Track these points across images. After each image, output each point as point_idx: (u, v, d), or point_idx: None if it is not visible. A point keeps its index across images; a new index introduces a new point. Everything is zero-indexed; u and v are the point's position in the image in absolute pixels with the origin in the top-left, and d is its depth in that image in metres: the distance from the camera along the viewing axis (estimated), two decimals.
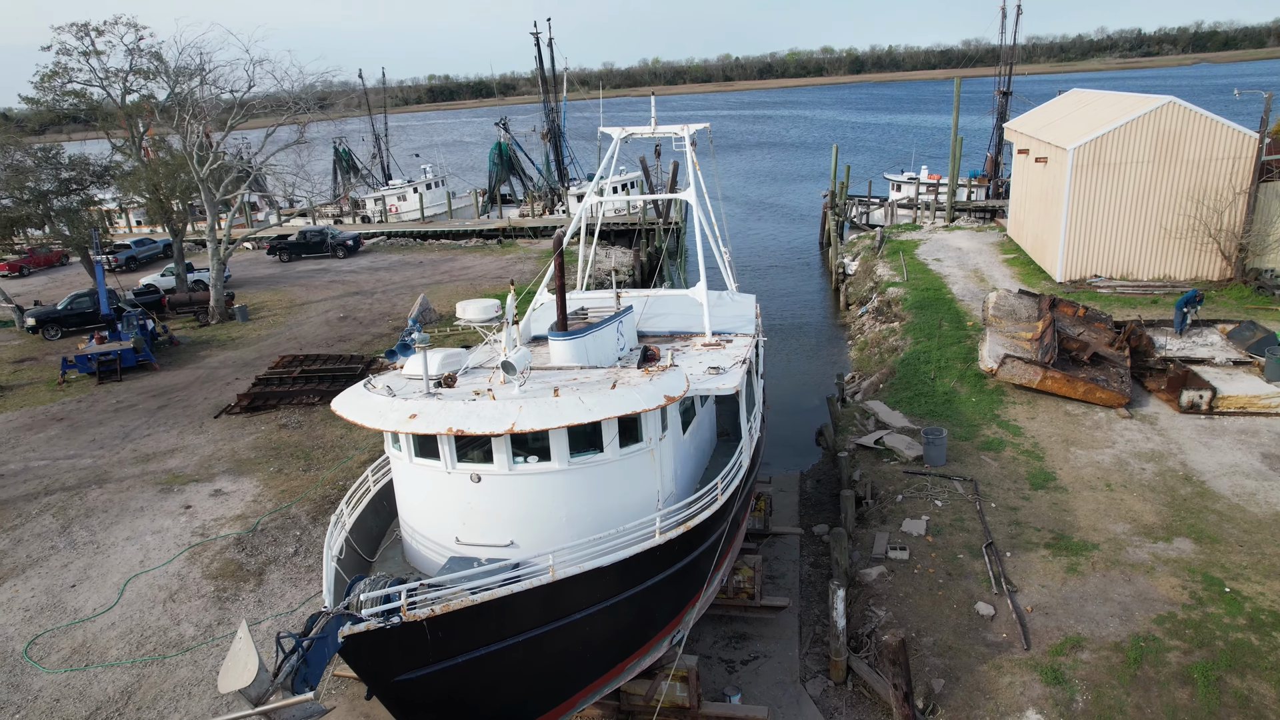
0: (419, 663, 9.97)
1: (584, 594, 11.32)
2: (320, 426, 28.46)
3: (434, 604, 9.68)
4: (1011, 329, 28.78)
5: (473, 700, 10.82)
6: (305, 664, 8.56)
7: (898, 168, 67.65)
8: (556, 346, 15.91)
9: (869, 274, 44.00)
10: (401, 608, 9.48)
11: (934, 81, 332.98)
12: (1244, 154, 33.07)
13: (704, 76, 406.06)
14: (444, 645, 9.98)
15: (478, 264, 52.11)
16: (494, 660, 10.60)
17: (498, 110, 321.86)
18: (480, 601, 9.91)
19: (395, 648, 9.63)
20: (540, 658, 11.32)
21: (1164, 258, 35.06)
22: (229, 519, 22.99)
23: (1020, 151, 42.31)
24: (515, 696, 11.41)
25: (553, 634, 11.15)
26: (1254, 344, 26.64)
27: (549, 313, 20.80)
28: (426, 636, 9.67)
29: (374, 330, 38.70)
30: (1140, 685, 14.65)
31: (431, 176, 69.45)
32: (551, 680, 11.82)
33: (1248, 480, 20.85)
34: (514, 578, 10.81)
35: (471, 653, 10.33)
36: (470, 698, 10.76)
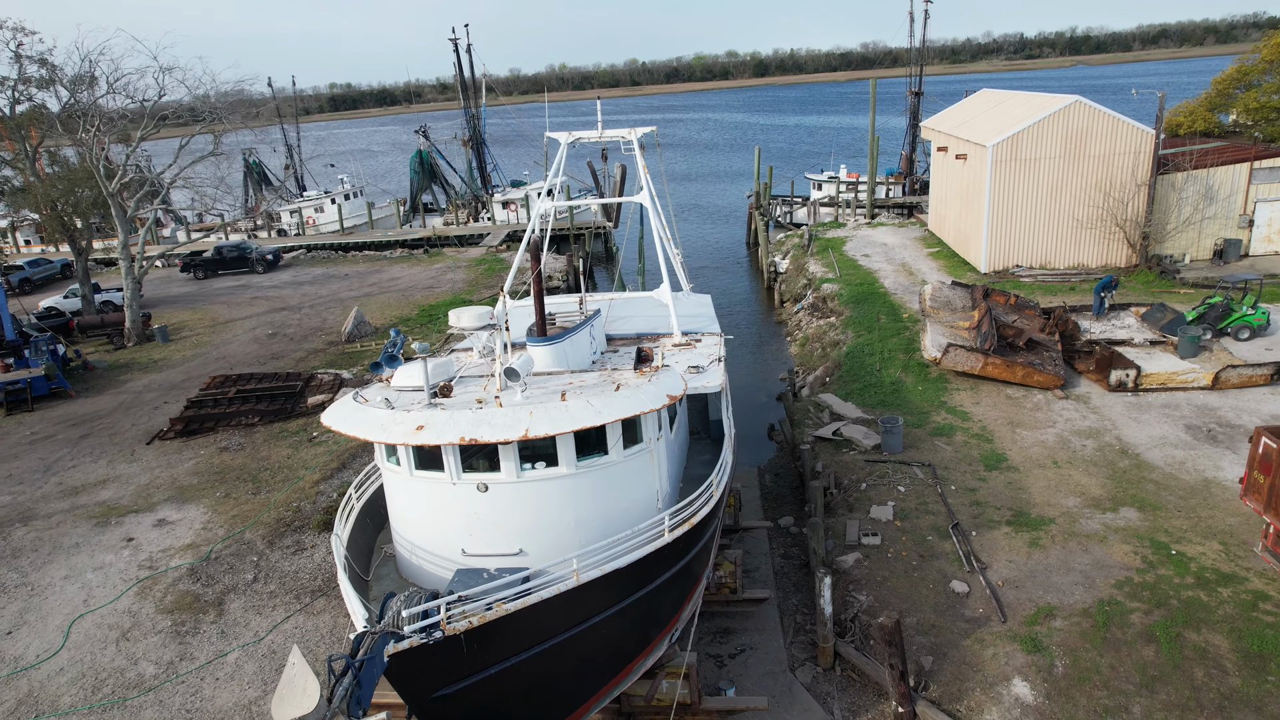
0: (456, 677, 9.76)
1: (603, 596, 11.29)
2: (264, 447, 27.35)
3: (471, 616, 9.50)
4: (949, 319, 30.05)
5: (503, 711, 10.65)
6: (358, 686, 8.28)
7: (818, 167, 69.54)
8: (537, 352, 15.79)
9: (801, 271, 45.11)
10: (441, 622, 9.26)
11: (835, 83, 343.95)
12: (1143, 149, 35.47)
13: (612, 81, 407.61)
14: (479, 657, 9.79)
15: (406, 275, 50.98)
16: (522, 669, 10.46)
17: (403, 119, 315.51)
18: (514, 610, 9.77)
19: (436, 663, 9.40)
20: (562, 663, 11.23)
21: (1077, 247, 37.24)
22: (178, 549, 21.85)
23: (939, 149, 44.19)
24: (540, 704, 11.28)
25: (574, 639, 11.07)
26: (1166, 324, 28.59)
27: (517, 319, 20.61)
28: (463, 650, 9.47)
29: (307, 346, 37.40)
30: (1111, 646, 15.55)
31: (349, 187, 67.51)
32: (571, 685, 11.73)
33: (1176, 450, 22.37)
34: (544, 583, 10.68)
35: (503, 663, 10.17)
36: (500, 709, 10.59)
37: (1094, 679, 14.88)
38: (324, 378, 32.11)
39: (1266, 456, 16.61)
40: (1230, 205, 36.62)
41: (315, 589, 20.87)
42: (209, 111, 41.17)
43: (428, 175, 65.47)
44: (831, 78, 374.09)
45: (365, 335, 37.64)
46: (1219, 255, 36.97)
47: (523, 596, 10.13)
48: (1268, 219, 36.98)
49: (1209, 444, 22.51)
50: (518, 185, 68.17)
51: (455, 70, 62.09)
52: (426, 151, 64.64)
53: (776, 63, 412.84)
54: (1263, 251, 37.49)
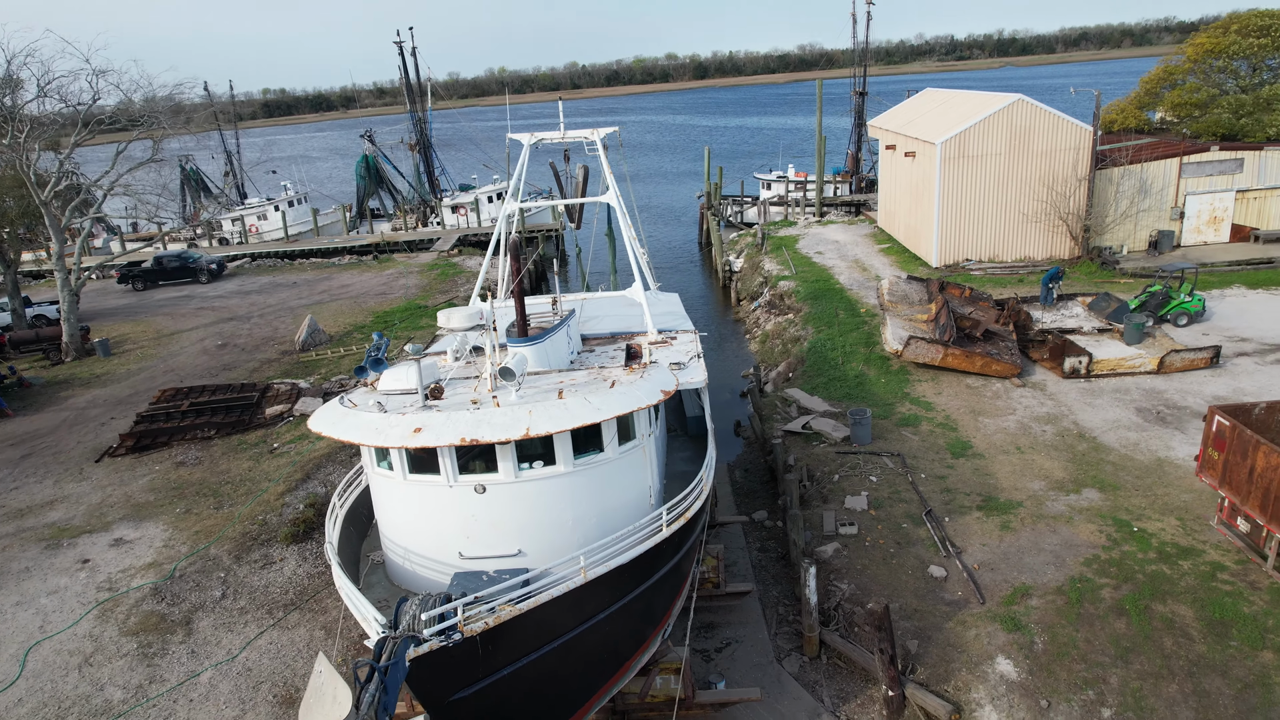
0: (473, 679, 9.61)
1: (606, 593, 11.27)
2: (223, 460, 26.53)
3: (487, 618, 9.37)
4: (908, 312, 30.75)
5: (513, 712, 10.53)
6: (384, 692, 8.09)
7: (766, 167, 70.43)
8: (519, 352, 15.66)
9: (756, 270, 45.62)
10: (459, 623, 9.11)
11: (774, 85, 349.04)
12: (1083, 145, 36.85)
13: (552, 85, 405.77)
14: (493, 659, 9.67)
15: (357, 281, 50.00)
16: (532, 669, 10.37)
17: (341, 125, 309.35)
18: (527, 609, 9.68)
19: (454, 666, 9.24)
20: (568, 662, 11.16)
21: (1023, 240, 38.49)
22: (139, 569, 21.04)
23: (888, 147, 45.19)
24: (548, 704, 11.19)
25: (579, 637, 11.02)
26: (1112, 313, 29.75)
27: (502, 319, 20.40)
28: (479, 651, 9.34)
29: (260, 356, 36.39)
30: (1085, 621, 16.12)
31: (293, 193, 65.89)
32: (577, 684, 11.67)
33: (1129, 433, 23.29)
34: (553, 582, 10.60)
35: (515, 664, 10.07)
36: (511, 710, 10.47)
37: (1072, 653, 15.41)
38: (280, 388, 31.30)
39: (1220, 434, 17.41)
40: (1163, 199, 38.28)
41: (288, 603, 20.35)
42: (147, 116, 39.78)
43: (374, 180, 64.32)
44: (770, 79, 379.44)
45: (320, 343, 36.80)
46: (1154, 246, 38.61)
47: (533, 596, 10.05)
48: (1197, 211, 38.76)
49: (1159, 425, 23.48)
50: (466, 189, 67.47)
51: (400, 74, 61.21)
52: (372, 156, 63.50)
53: (716, 65, 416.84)
54: (1193, 242, 39.28)
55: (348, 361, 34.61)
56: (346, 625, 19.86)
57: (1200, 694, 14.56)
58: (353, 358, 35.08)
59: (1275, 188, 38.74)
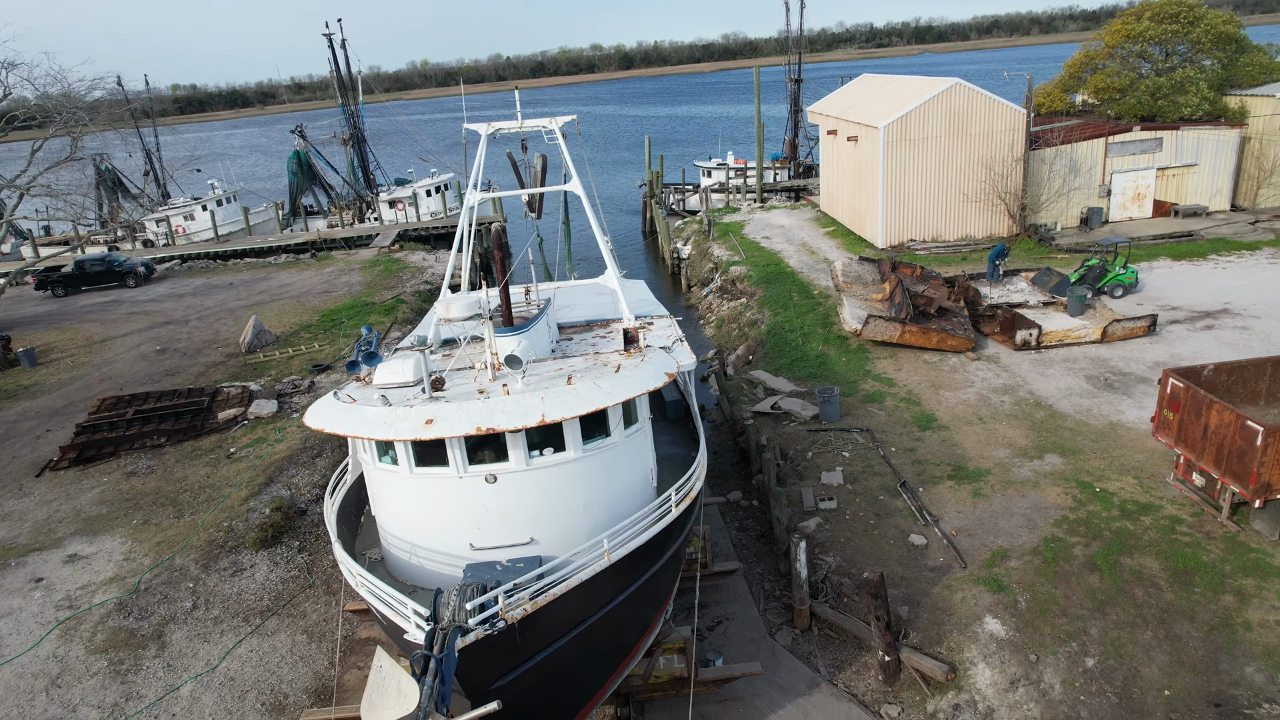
0: (510, 666, 9.52)
1: (626, 575, 11.29)
2: (177, 468, 25.50)
3: (525, 604, 9.28)
4: (863, 292, 31.47)
5: (544, 698, 10.47)
6: (441, 683, 7.92)
7: (705, 154, 70.93)
8: (505, 342, 15.50)
9: (705, 256, 45.99)
10: (501, 610, 9.00)
11: (700, 74, 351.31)
12: (1017, 127, 38.25)
13: (476, 77, 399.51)
14: (528, 645, 9.59)
15: (297, 280, 48.50)
16: (560, 655, 10.32)
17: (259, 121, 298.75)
18: (560, 594, 9.62)
19: (495, 654, 9.13)
20: (591, 646, 11.15)
21: (965, 219, 39.76)
22: (100, 584, 20.10)
23: (829, 132, 46.02)
24: (572, 688, 11.16)
25: (602, 620, 11.02)
26: (1055, 286, 31.02)
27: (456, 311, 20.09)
28: (516, 639, 9.26)
29: (203, 360, 35.01)
30: (1062, 579, 16.86)
31: (221, 192, 63.41)
32: (597, 667, 11.67)
33: (1082, 399, 24.37)
34: (581, 565, 10.55)
35: (548, 649, 10.01)
36: (543, 696, 10.41)
37: (1053, 609, 16.11)
38: (231, 391, 30.20)
39: (1175, 396, 18.39)
40: (1091, 177, 40.06)
41: (263, 609, 19.77)
42: (65, 112, 37.76)
43: (307, 176, 62.37)
44: (696, 69, 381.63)
45: (266, 345, 35.62)
46: (1085, 222, 40.38)
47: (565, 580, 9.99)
48: (1122, 188, 40.69)
49: (1108, 391, 24.64)
50: (403, 183, 66.08)
51: (330, 66, 59.43)
52: (304, 152, 61.56)
53: (641, 55, 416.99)
54: (1119, 218, 41.23)
55: (298, 362, 33.62)
56: (327, 629, 19.40)
57: (1172, 638, 15.41)
58: (302, 358, 34.11)
59: (1191, 165, 40.94)
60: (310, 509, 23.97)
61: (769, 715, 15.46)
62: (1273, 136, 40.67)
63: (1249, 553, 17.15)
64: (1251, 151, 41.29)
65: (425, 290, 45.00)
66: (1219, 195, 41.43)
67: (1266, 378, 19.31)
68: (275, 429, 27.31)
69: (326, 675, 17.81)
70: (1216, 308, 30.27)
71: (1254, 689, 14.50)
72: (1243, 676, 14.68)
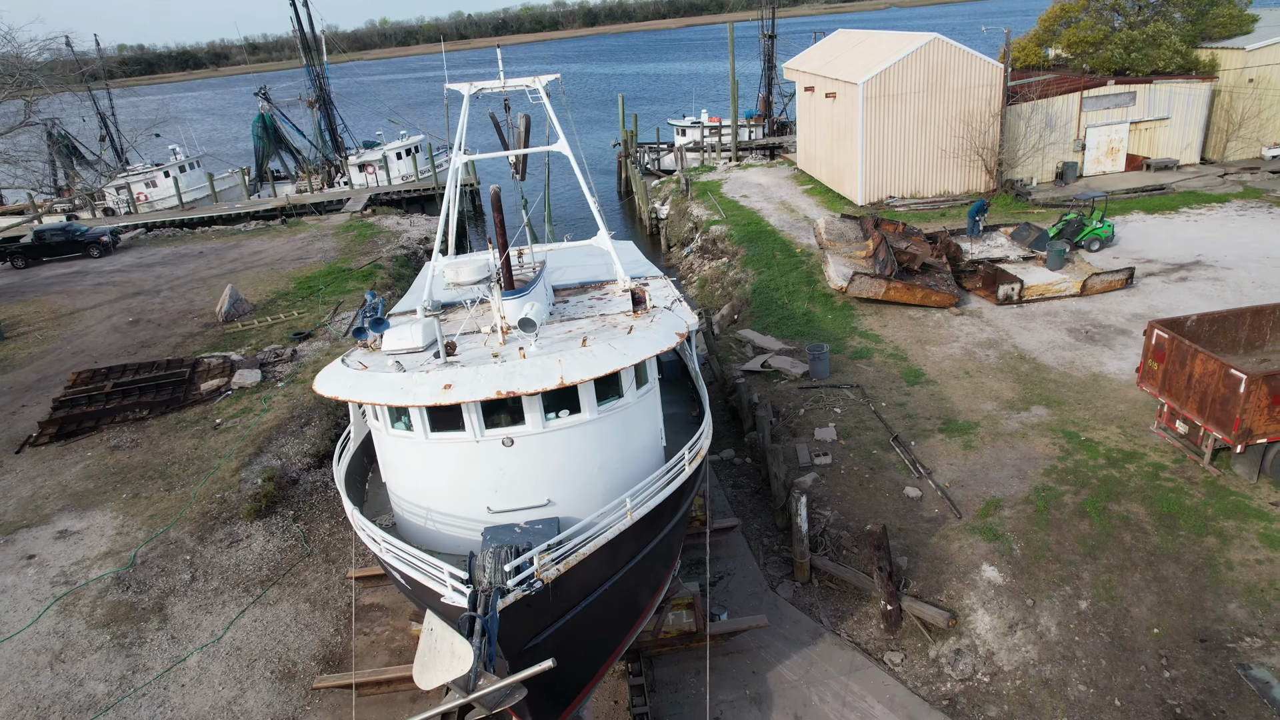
0: (542, 625, 9.65)
1: (645, 532, 11.44)
2: (164, 441, 25.14)
3: (557, 565, 9.38)
4: (846, 250, 31.63)
5: (571, 657, 10.64)
6: (488, 643, 8.02)
7: (679, 113, 70.25)
8: (509, 305, 15.38)
9: (684, 216, 45.80)
10: (537, 571, 9.09)
11: (667, 30, 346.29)
12: (995, 82, 38.32)
13: (437, 36, 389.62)
14: (558, 604, 9.72)
15: (269, 248, 47.50)
16: (586, 614, 10.48)
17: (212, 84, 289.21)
18: (589, 553, 9.73)
19: (530, 614, 9.24)
20: (613, 603, 11.33)
21: (943, 175, 39.96)
22: (94, 559, 19.89)
23: (806, 89, 45.73)
24: (593, 648, 11.35)
25: (624, 577, 11.18)
26: (1034, 241, 31.42)
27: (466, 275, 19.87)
28: (549, 599, 9.37)
29: (180, 330, 34.32)
30: (1054, 526, 17.38)
31: (183, 158, 61.56)
32: (616, 625, 11.87)
33: (1064, 352, 24.88)
34: (606, 525, 10.65)
35: (575, 609, 10.15)
36: (570, 655, 10.58)
37: (1047, 555, 16.64)
38: (212, 362, 29.71)
39: (1159, 347, 18.85)
40: (1067, 132, 40.38)
41: (263, 579, 19.75)
42: (20, 73, 36.32)
43: (273, 141, 60.72)
44: (662, 25, 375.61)
45: (244, 314, 34.99)
46: (1060, 177, 40.81)
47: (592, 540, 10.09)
48: (1096, 143, 41.09)
49: (1089, 343, 25.17)
50: (371, 146, 64.68)
51: (294, 26, 57.57)
52: (269, 115, 59.84)
53: (606, 11, 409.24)
54: (1093, 172, 41.70)
55: (278, 330, 33.12)
56: (329, 596, 19.44)
57: (1160, 580, 16.02)
58: (282, 326, 33.61)
59: (1163, 119, 41.41)
60: (302, 478, 23.84)
61: (775, 666, 15.85)
62: (1242, 89, 41.23)
63: (1229, 496, 17.79)
64: (1221, 104, 41.85)
65: (402, 255, 44.38)
66: (1189, 149, 42.04)
67: (1245, 327, 19.85)
68: (261, 399, 26.98)
69: (333, 642, 17.90)
70: (1189, 260, 30.91)
71: (1236, 624, 15.16)
72: (1226, 613, 15.33)
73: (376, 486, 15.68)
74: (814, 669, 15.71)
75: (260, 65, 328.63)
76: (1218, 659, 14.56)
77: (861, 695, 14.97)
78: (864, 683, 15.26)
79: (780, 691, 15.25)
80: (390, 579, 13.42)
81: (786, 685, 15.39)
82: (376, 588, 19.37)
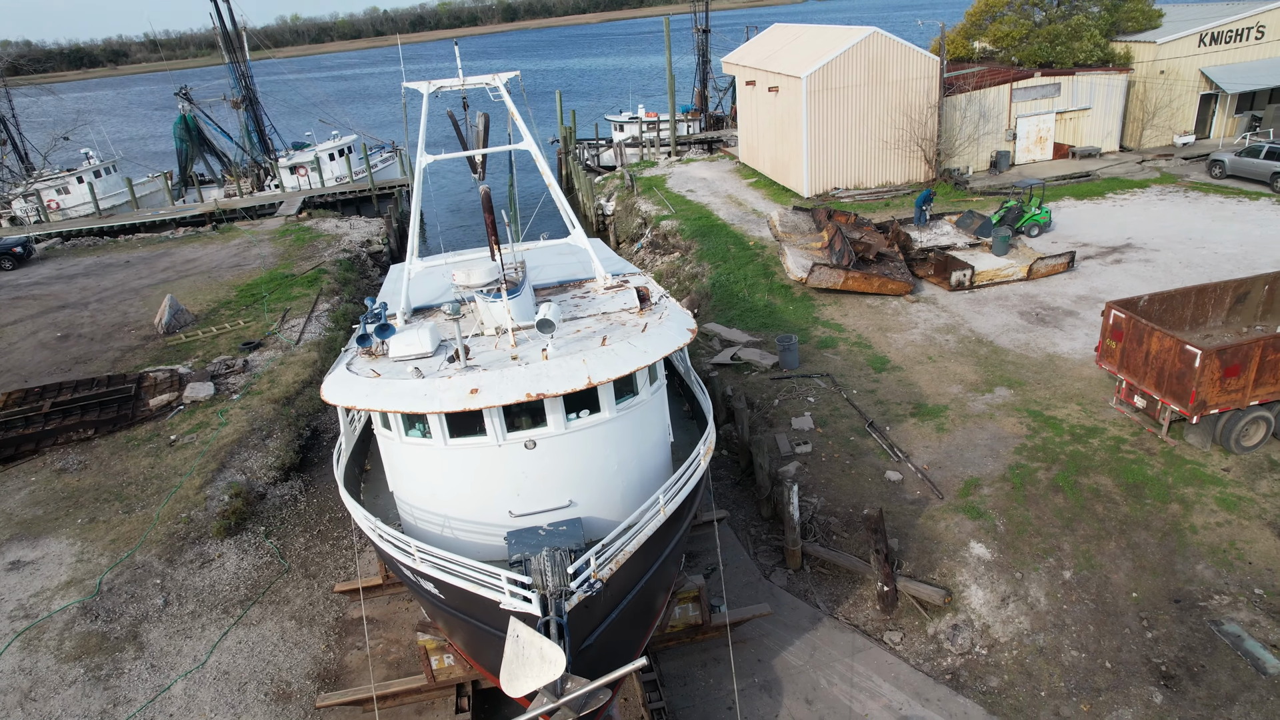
0: (594, 624, 9.59)
1: (671, 528, 11.49)
2: (115, 461, 23.96)
3: (609, 564, 9.33)
4: (802, 241, 32.22)
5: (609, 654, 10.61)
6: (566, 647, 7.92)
7: (616, 108, 70.18)
8: (499, 307, 15.16)
9: (632, 211, 45.86)
10: (594, 572, 9.02)
11: (587, 25, 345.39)
12: (932, 74, 39.54)
13: (353, 33, 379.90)
14: (608, 602, 9.68)
15: (203, 255, 45.59)
16: (626, 611, 10.48)
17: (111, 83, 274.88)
18: (635, 550, 9.72)
19: (588, 614, 9.17)
20: (643, 599, 11.35)
21: (884, 166, 41.05)
22: (55, 589, 18.87)
23: (748, 83, 46.30)
24: (628, 645, 11.34)
25: (656, 573, 11.22)
26: (978, 228, 32.59)
27: (431, 278, 19.52)
28: (601, 598, 9.33)
29: (117, 344, 32.68)
30: (1031, 501, 18.15)
31: (99, 162, 58.45)
32: (643, 619, 11.88)
33: (1019, 334, 25.92)
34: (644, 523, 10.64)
35: (620, 605, 10.13)
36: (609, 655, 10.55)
37: (1029, 529, 17.36)
38: (159, 376, 28.40)
39: (1117, 326, 19.85)
40: (999, 122, 41.98)
41: (242, 599, 19.08)
42: None
43: (196, 143, 58.23)
44: (583, 20, 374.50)
45: (186, 325, 33.52)
46: (994, 165, 42.40)
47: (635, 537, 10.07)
48: (1026, 132, 42.85)
49: (1041, 325, 26.28)
50: (301, 147, 62.65)
51: (214, 21, 55.29)
52: (191, 116, 57.34)
53: (525, 6, 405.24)
54: (1024, 160, 43.48)
55: (225, 341, 31.87)
56: (314, 612, 18.87)
57: (1133, 546, 16.91)
58: (228, 336, 32.35)
59: (1085, 109, 43.44)
60: (269, 492, 23.06)
61: (780, 653, 16.14)
62: (1154, 80, 43.54)
63: (1185, 464, 18.88)
64: (1136, 95, 44.12)
65: (345, 259, 43.18)
66: (1110, 137, 44.22)
67: (1190, 306, 21.07)
68: (217, 412, 25.95)
69: (326, 659, 17.41)
70: (1121, 243, 32.56)
71: (1205, 584, 16.14)
72: (1195, 574, 16.30)
73: (372, 495, 15.32)
74: (818, 653, 16.05)
75: (164, 64, 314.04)
76: (1192, 617, 15.47)
77: (867, 675, 15.37)
78: (868, 663, 15.67)
79: (789, 677, 15.53)
80: (412, 589, 13.06)
81: (793, 670, 15.69)
82: (365, 600, 18.90)
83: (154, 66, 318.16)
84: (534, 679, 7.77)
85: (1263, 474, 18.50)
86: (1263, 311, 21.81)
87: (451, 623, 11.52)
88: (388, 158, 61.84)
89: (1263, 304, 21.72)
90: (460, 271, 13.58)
